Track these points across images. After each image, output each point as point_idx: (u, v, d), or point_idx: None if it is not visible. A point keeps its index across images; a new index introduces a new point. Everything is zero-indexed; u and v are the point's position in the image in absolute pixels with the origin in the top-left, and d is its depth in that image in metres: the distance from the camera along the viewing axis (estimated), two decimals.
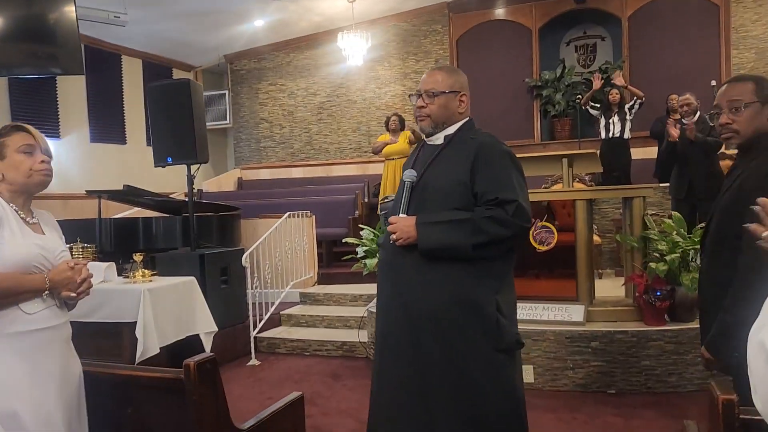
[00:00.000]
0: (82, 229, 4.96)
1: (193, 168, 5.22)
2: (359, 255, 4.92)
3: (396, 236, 2.06)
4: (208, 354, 1.78)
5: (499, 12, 9.24)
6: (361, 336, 5.05)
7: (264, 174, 10.52)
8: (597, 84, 7.63)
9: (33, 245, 1.79)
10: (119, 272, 4.33)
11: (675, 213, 4.44)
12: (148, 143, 8.42)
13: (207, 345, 4.30)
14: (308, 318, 5.81)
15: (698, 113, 5.56)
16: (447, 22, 9.48)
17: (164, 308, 3.98)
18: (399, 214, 2.10)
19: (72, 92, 8.13)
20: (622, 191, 4.74)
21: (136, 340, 3.75)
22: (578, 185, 5.99)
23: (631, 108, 7.22)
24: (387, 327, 2.15)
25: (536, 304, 4.24)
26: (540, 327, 4.09)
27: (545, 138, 9.15)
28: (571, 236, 4.26)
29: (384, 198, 6.32)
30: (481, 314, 2.00)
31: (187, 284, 4.32)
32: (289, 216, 6.26)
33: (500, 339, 2.01)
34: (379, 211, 6.63)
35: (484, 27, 9.32)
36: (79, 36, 5.96)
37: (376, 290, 2.26)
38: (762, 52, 8.15)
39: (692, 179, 5.34)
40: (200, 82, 9.57)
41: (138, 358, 3.70)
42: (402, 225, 2.06)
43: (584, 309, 4.14)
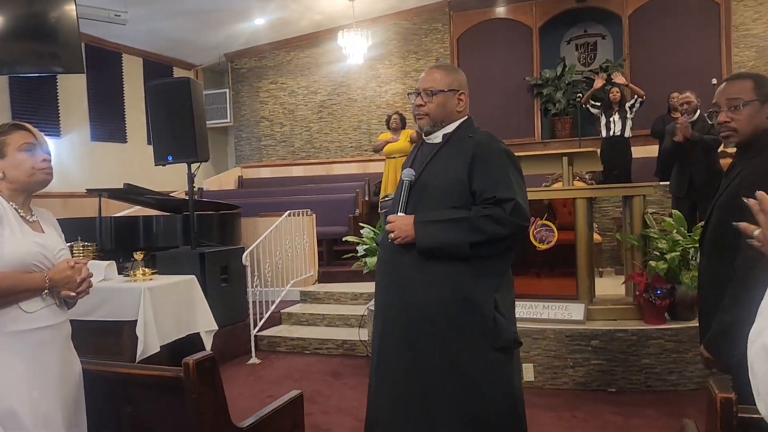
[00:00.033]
0: (83, 228, 4.96)
1: (194, 166, 5.23)
2: (359, 253, 4.92)
3: (394, 235, 2.06)
4: (207, 352, 1.78)
5: (500, 10, 9.22)
6: (362, 334, 5.05)
7: (264, 172, 10.51)
8: (598, 83, 7.61)
9: (33, 243, 1.79)
10: (120, 271, 4.34)
11: (675, 211, 4.43)
12: (149, 142, 8.42)
13: (207, 343, 4.31)
14: (309, 316, 5.81)
15: (698, 111, 5.55)
16: (448, 21, 9.46)
17: (165, 307, 3.98)
18: (397, 213, 2.10)
19: (73, 91, 8.12)
20: (623, 190, 4.74)
21: (137, 339, 3.75)
22: (578, 184, 5.98)
23: (632, 106, 7.21)
24: (385, 325, 2.14)
25: (536, 303, 4.24)
26: (540, 325, 4.09)
27: (546, 136, 9.12)
28: (572, 235, 4.26)
29: (385, 196, 6.31)
30: (479, 313, 2.00)
31: (188, 283, 4.33)
32: (290, 214, 6.25)
33: (498, 338, 2.01)
34: (380, 210, 6.63)
35: (485, 25, 9.30)
36: (80, 34, 5.96)
37: (375, 288, 2.26)
38: (762, 51, 8.13)
39: (692, 177, 5.33)
40: (201, 81, 9.56)
41: (138, 357, 3.71)
42: (400, 224, 2.06)
43: (584, 307, 4.14)
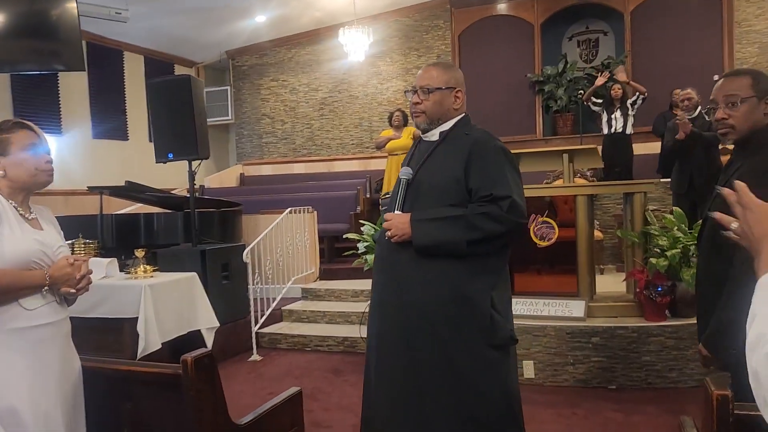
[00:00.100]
0: (84, 225, 4.96)
1: (195, 164, 5.23)
2: (360, 251, 4.92)
3: (391, 233, 2.07)
4: (206, 349, 1.79)
5: (501, 7, 9.20)
6: (363, 332, 5.01)
7: (266, 170, 10.51)
8: (600, 81, 7.58)
9: (32, 241, 1.80)
10: (121, 268, 4.35)
11: (676, 208, 4.42)
12: (150, 139, 8.42)
13: (208, 341, 4.32)
14: (309, 313, 5.82)
15: (699, 108, 5.53)
16: (449, 18, 9.44)
17: (166, 304, 3.99)
18: (394, 211, 2.10)
19: (74, 88, 8.13)
20: (623, 187, 4.73)
21: (138, 336, 3.76)
22: (579, 181, 5.98)
23: (634, 103, 7.19)
24: (383, 324, 2.15)
25: (537, 300, 4.24)
26: (540, 322, 4.10)
27: (547, 133, 9.09)
28: (572, 232, 4.26)
29: (386, 194, 6.31)
30: (476, 310, 2.00)
31: (189, 280, 4.34)
32: (291, 212, 6.26)
33: (494, 335, 2.01)
34: (381, 207, 6.63)
35: (486, 22, 9.27)
36: (81, 32, 5.96)
37: (371, 286, 2.26)
38: (765, 47, 8.09)
39: (693, 174, 5.32)
40: (202, 78, 9.57)
41: (139, 354, 3.72)
42: (397, 222, 2.06)
43: (585, 304, 4.14)
